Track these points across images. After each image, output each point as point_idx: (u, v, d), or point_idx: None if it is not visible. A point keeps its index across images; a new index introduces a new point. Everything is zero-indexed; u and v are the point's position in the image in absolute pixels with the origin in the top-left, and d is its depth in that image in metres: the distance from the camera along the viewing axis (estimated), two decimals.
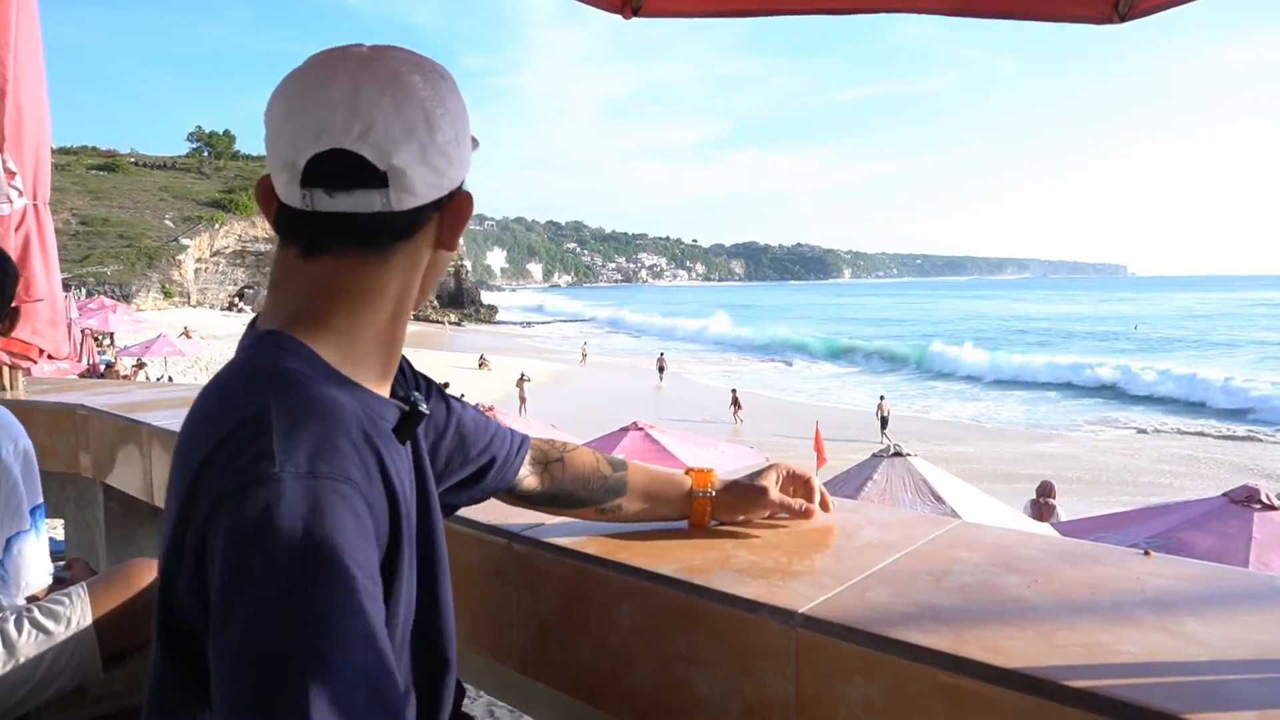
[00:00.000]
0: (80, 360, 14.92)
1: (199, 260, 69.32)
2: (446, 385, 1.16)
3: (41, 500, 1.73)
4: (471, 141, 0.91)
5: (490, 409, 11.96)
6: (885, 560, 1.12)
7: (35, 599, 1.61)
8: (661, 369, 34.34)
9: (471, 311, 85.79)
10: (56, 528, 3.41)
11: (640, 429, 10.09)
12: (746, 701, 1.00)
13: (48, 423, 2.90)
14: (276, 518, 0.68)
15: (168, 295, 62.64)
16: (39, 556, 1.66)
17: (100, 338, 24.65)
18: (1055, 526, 7.30)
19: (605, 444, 9.71)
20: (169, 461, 0.83)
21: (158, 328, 28.90)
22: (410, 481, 0.92)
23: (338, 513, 0.71)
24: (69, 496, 3.10)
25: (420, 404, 0.93)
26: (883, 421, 22.45)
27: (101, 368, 18.60)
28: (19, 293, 2.77)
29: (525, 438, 1.24)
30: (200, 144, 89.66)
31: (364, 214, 0.83)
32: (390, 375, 0.93)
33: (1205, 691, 0.77)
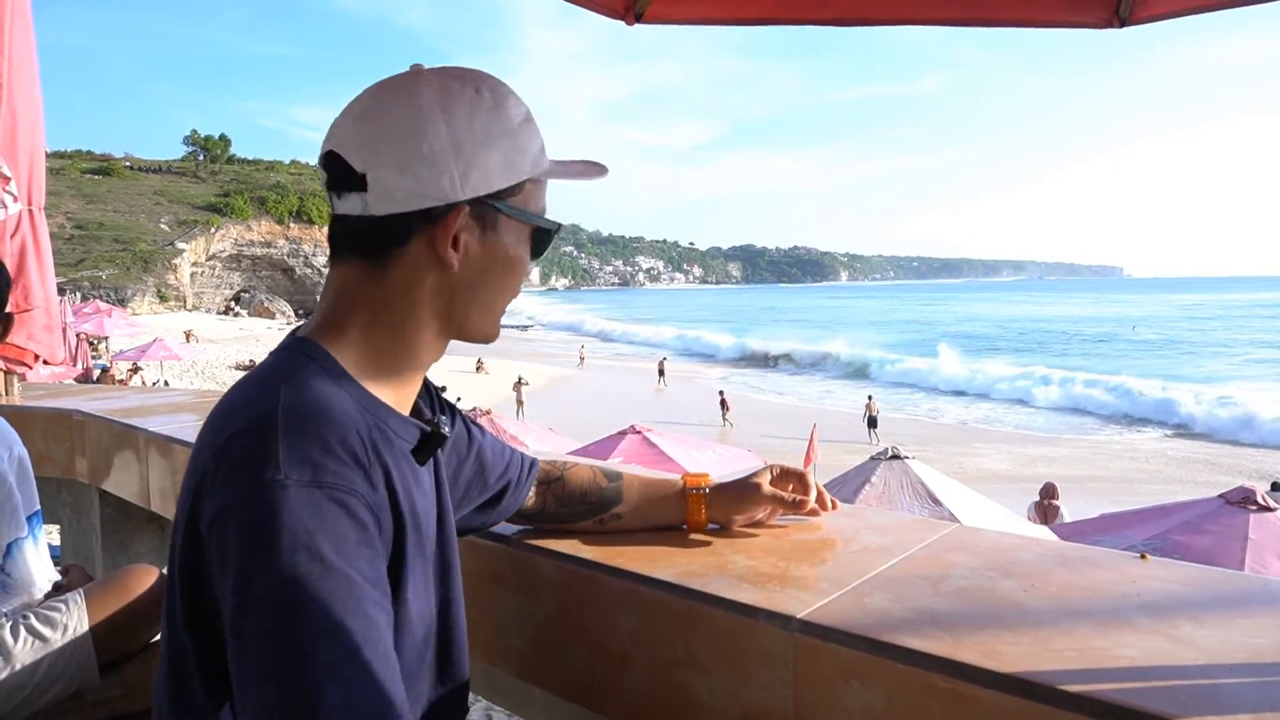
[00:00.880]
0: (75, 365, 14.89)
1: (195, 264, 69.21)
2: (444, 389, 1.17)
3: (39, 507, 1.72)
4: (511, 162, 0.87)
5: (488, 413, 11.96)
6: (883, 565, 1.12)
7: (31, 606, 1.61)
8: (662, 372, 34.39)
9: None
10: (53, 533, 3.40)
11: (638, 432, 10.09)
12: (744, 706, 1.00)
13: (43, 428, 2.90)
14: (281, 527, 0.70)
15: (163, 299, 62.54)
16: (36, 563, 1.65)
17: (95, 342, 24.59)
18: (1053, 529, 7.31)
19: (603, 447, 9.70)
20: (165, 466, 0.84)
21: (153, 332, 28.85)
22: (431, 501, 0.94)
23: (339, 522, 0.72)
24: (65, 502, 3.10)
25: (443, 427, 0.94)
26: (870, 421, 22.50)
27: (96, 373, 18.56)
28: (15, 299, 2.77)
29: (535, 461, 1.27)
30: (196, 148, 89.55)
31: (354, 216, 0.86)
32: (409, 393, 0.93)
33: (1201, 695, 0.77)
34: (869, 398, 24.34)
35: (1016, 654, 0.85)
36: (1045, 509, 10.07)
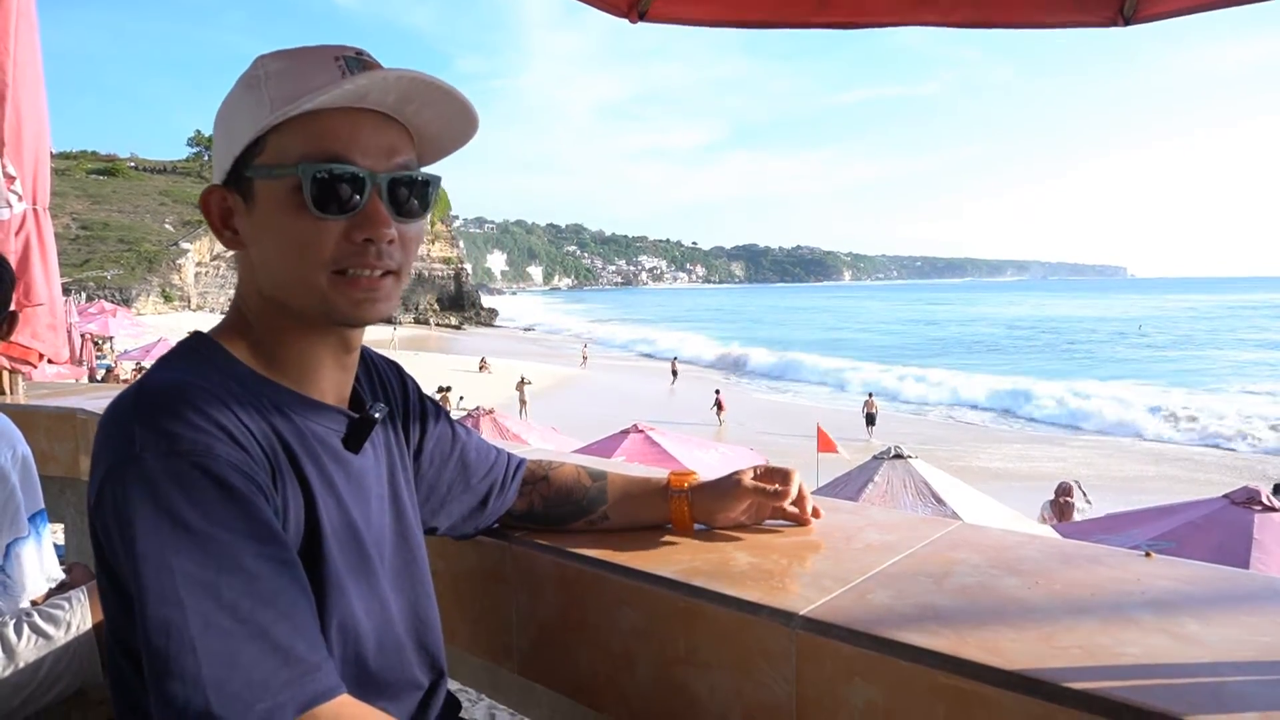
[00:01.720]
0: (80, 365, 14.93)
1: (199, 264, 69.37)
2: (449, 389, 1.17)
3: (43, 507, 1.72)
4: (247, 122, 0.84)
5: (490, 412, 11.97)
6: (886, 562, 1.11)
7: (35, 603, 1.61)
8: (675, 373, 34.18)
9: (472, 314, 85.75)
10: (57, 532, 3.40)
11: (640, 431, 10.09)
12: (747, 703, 1.00)
13: (47, 427, 2.90)
14: (144, 498, 0.72)
15: (168, 299, 62.69)
16: (39, 563, 1.66)
17: (100, 342, 24.64)
18: (1056, 528, 7.30)
19: (606, 446, 9.71)
20: None
21: (158, 332, 28.90)
22: (377, 489, 0.95)
23: (200, 485, 0.73)
24: (69, 501, 3.10)
25: (376, 413, 0.94)
26: (869, 418, 22.49)
27: (101, 373, 18.60)
28: (19, 297, 2.77)
29: (522, 461, 1.26)
30: (200, 148, 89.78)
31: None
32: (319, 382, 0.91)
33: (1206, 693, 0.77)
34: (869, 395, 24.34)
35: (1020, 651, 0.84)
36: (1061, 507, 10.08)
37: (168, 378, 0.81)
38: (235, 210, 0.87)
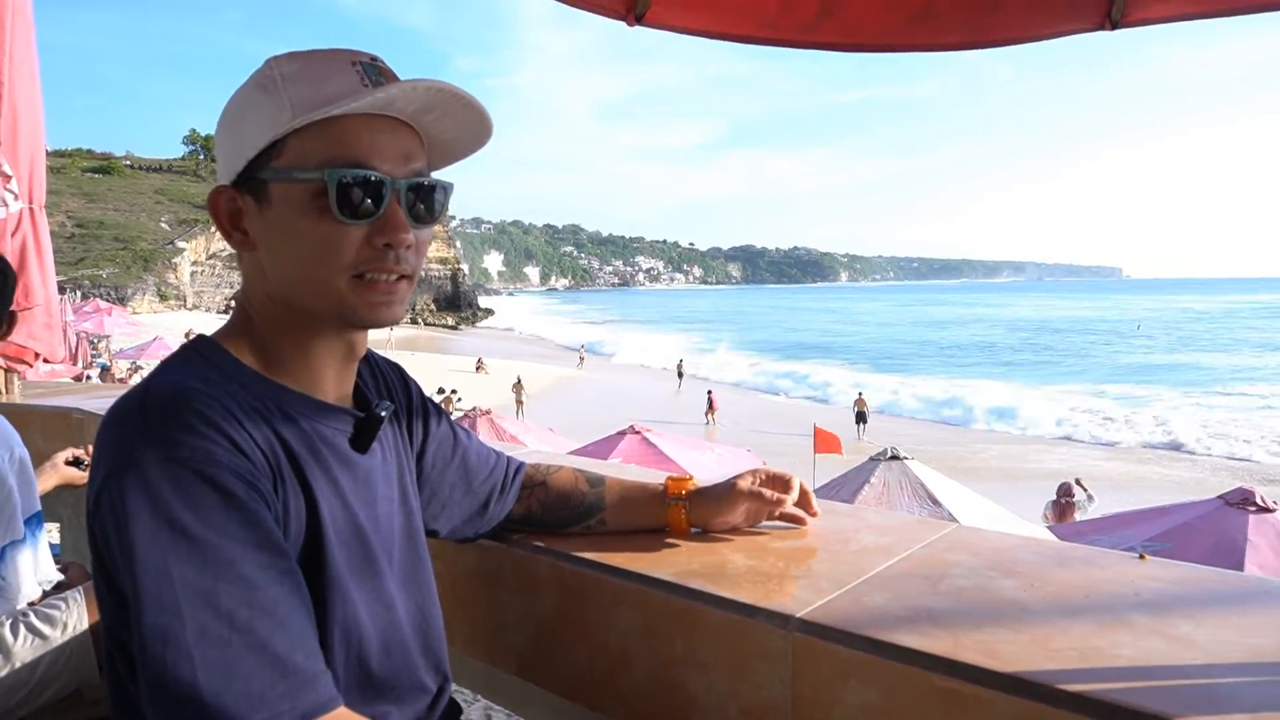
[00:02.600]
0: (75, 364, 14.89)
1: (195, 263, 69.26)
2: (454, 392, 1.17)
3: (39, 508, 1.72)
4: (263, 124, 0.83)
5: (487, 413, 11.96)
6: (882, 564, 1.12)
7: (32, 604, 1.61)
8: (680, 374, 34.06)
9: (469, 315, 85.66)
10: (52, 531, 3.39)
11: (637, 432, 10.10)
12: (743, 705, 1.00)
13: (43, 426, 2.90)
14: (143, 505, 0.72)
15: (164, 298, 62.55)
16: (29, 570, 1.65)
17: (95, 341, 24.58)
18: (1052, 529, 7.31)
19: (603, 447, 9.71)
20: None
21: (154, 331, 28.85)
22: (385, 490, 0.95)
23: (200, 492, 0.73)
24: (65, 500, 3.09)
25: (383, 411, 0.94)
26: (859, 416, 22.51)
27: (98, 371, 18.54)
28: (17, 298, 2.77)
29: (522, 465, 1.26)
30: (196, 146, 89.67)
31: None
32: (322, 383, 0.91)
33: (1199, 694, 0.77)
34: (859, 394, 24.38)
35: (1015, 653, 0.85)
36: (1062, 507, 10.13)
37: (171, 382, 0.80)
38: (245, 211, 0.86)
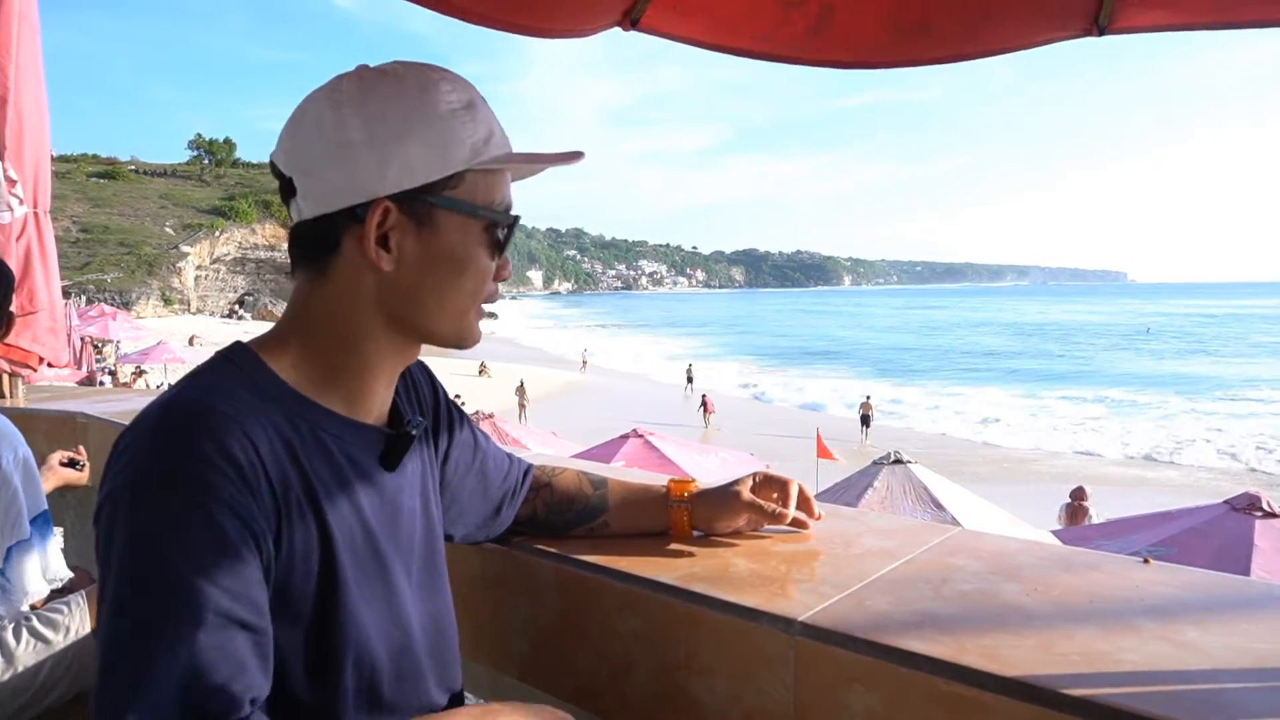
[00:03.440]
0: (80, 368, 14.93)
1: (199, 267, 69.44)
2: (457, 396, 1.17)
3: (45, 508, 1.72)
4: (440, 152, 0.82)
5: (490, 417, 11.97)
6: (885, 568, 1.12)
7: (35, 607, 1.61)
8: (690, 379, 33.86)
9: None
10: (56, 535, 3.40)
11: (640, 436, 10.09)
12: (746, 709, 1.00)
13: (47, 430, 2.90)
14: (131, 525, 0.72)
15: (168, 303, 62.74)
16: (35, 570, 1.65)
17: (100, 345, 24.66)
18: (1057, 534, 7.30)
19: (606, 450, 9.70)
20: None
21: (158, 335, 28.92)
22: (413, 509, 0.94)
23: (191, 527, 0.72)
24: (69, 504, 3.10)
25: (414, 429, 0.93)
26: (863, 419, 22.50)
27: (104, 376, 18.59)
28: (22, 303, 2.78)
29: (530, 467, 1.26)
30: (200, 151, 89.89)
31: (296, 223, 0.85)
32: (366, 401, 0.90)
33: (1205, 700, 0.77)
34: (866, 397, 24.36)
35: (1019, 657, 0.85)
36: (1075, 510, 10.13)
37: (194, 399, 0.78)
38: (398, 228, 0.83)
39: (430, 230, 0.84)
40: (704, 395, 26.15)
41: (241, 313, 70.43)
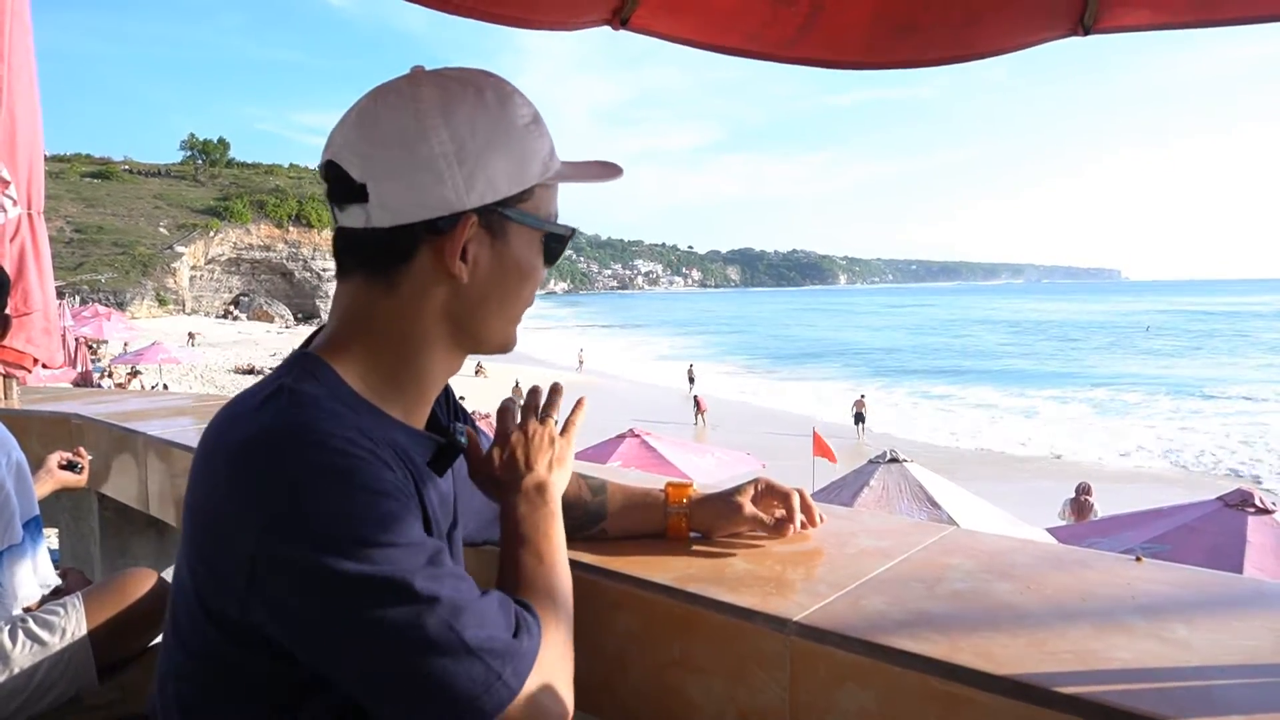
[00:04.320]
0: (74, 368, 14.89)
1: (194, 268, 69.23)
2: (462, 398, 1.17)
3: (38, 512, 1.72)
4: (519, 167, 0.84)
5: (486, 417, 11.96)
6: (879, 568, 1.12)
7: (30, 609, 1.61)
8: (692, 379, 33.72)
9: None
10: (51, 537, 3.39)
11: (636, 435, 10.10)
12: (741, 708, 1.00)
13: (42, 432, 2.90)
14: (323, 529, 0.72)
15: (162, 303, 62.53)
16: (27, 573, 1.65)
17: (94, 346, 24.57)
18: (1052, 532, 7.32)
19: (602, 450, 9.71)
20: (164, 470, 0.84)
21: (152, 335, 28.84)
22: (448, 512, 0.94)
23: (376, 505, 0.74)
24: (64, 506, 3.10)
25: (460, 437, 0.94)
26: (857, 417, 22.55)
27: (98, 377, 18.53)
28: (16, 304, 2.77)
29: None
30: (194, 151, 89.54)
31: (358, 230, 0.83)
32: (422, 409, 0.91)
33: (1195, 696, 0.77)
34: (860, 396, 24.44)
35: (1012, 656, 0.85)
36: (1081, 505, 10.18)
37: (313, 414, 0.77)
38: (474, 240, 0.84)
39: (503, 242, 0.86)
40: (696, 396, 26.21)
41: (236, 313, 70.27)
